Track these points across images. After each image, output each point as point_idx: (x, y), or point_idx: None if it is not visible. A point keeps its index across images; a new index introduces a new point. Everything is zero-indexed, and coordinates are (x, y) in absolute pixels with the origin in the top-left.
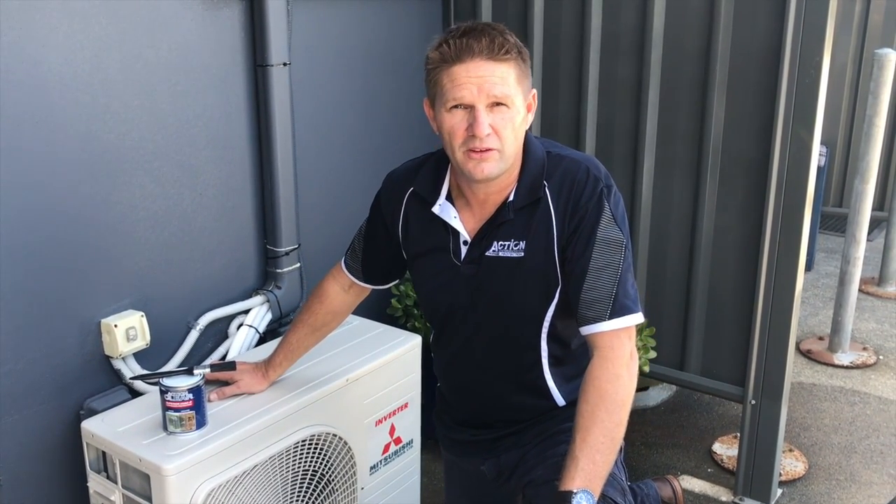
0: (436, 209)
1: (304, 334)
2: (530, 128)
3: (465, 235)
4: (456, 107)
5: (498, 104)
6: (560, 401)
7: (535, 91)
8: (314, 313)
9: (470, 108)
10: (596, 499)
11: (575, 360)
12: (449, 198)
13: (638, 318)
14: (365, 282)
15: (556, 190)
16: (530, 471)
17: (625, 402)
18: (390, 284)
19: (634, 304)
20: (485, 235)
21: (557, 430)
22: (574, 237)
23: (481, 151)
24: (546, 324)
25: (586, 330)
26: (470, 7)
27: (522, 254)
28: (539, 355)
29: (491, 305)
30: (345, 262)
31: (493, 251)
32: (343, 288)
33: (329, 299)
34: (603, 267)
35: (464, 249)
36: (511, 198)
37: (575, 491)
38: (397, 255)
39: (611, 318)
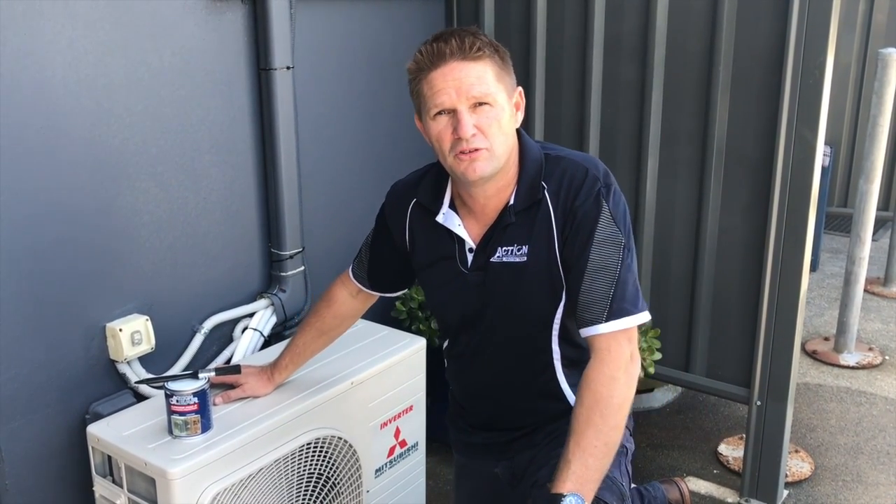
0: (439, 218)
1: (311, 337)
2: (532, 129)
3: (469, 243)
4: (439, 113)
5: (480, 104)
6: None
7: (520, 89)
8: (322, 317)
9: (453, 112)
10: (587, 503)
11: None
12: (452, 206)
13: (639, 318)
14: (372, 289)
15: (555, 191)
16: (537, 471)
17: (621, 405)
18: (398, 293)
19: (634, 305)
20: (489, 241)
21: (566, 431)
22: (572, 238)
23: (470, 152)
24: (556, 325)
25: (584, 332)
26: (473, 9)
27: (525, 258)
28: (551, 358)
29: (500, 311)
30: (352, 269)
31: (498, 257)
32: (351, 294)
33: (337, 304)
34: (600, 269)
35: (470, 257)
36: (511, 201)
37: (565, 494)
38: (404, 266)
39: (608, 320)
